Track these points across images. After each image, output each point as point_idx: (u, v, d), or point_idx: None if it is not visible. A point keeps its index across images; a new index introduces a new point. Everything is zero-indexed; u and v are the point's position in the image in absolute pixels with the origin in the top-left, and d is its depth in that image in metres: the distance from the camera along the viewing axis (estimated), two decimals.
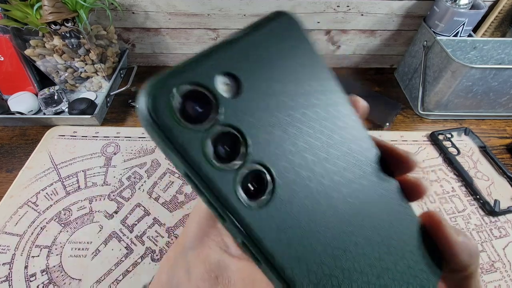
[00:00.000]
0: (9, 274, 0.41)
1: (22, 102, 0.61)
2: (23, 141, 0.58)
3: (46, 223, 0.46)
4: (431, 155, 0.57)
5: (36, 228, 0.46)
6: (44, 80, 0.66)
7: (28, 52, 0.59)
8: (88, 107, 0.61)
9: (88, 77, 0.66)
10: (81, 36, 0.58)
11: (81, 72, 0.65)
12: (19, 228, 0.45)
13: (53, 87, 0.62)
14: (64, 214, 0.47)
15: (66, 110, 0.62)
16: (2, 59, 0.61)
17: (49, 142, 0.57)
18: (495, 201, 0.49)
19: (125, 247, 0.44)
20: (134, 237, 0.45)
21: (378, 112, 0.64)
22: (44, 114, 0.61)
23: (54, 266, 0.42)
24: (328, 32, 0.73)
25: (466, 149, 0.58)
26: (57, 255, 0.43)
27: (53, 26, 0.56)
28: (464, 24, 0.62)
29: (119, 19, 0.68)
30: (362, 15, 0.69)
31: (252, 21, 0.12)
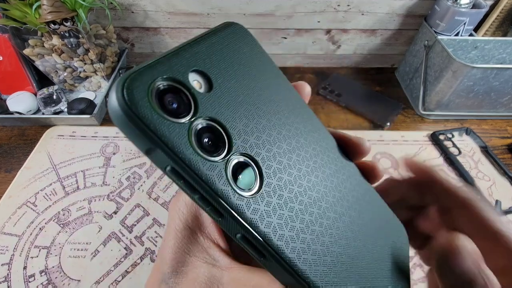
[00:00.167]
0: (8, 275, 0.41)
1: (21, 102, 0.61)
2: (22, 141, 0.58)
3: (45, 224, 0.46)
4: (432, 155, 0.57)
5: (35, 229, 0.45)
6: (43, 80, 0.66)
7: (27, 52, 0.59)
8: (87, 107, 0.61)
9: (87, 77, 0.66)
10: (80, 36, 0.58)
11: (80, 72, 0.64)
12: (18, 229, 0.45)
13: (52, 87, 0.62)
14: (63, 215, 0.47)
15: (65, 110, 0.62)
16: (1, 59, 0.60)
17: (48, 142, 0.57)
18: (496, 202, 0.49)
19: (125, 248, 0.44)
20: (134, 238, 0.45)
21: (379, 112, 0.64)
22: (43, 114, 0.61)
23: (53, 267, 0.42)
24: (329, 32, 0.72)
25: (467, 149, 0.58)
26: (56, 256, 0.43)
27: (52, 26, 0.56)
28: (465, 24, 0.62)
29: (118, 19, 0.68)
30: (363, 15, 0.69)
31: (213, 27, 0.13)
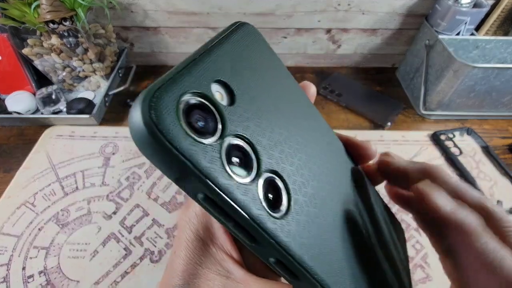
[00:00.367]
0: (7, 276, 0.41)
1: (20, 102, 0.61)
2: (21, 141, 0.58)
3: (44, 224, 0.46)
4: (433, 155, 0.57)
5: (34, 229, 0.45)
6: (42, 80, 0.65)
7: (26, 51, 0.58)
8: (86, 107, 0.60)
9: (86, 77, 0.66)
10: (79, 35, 0.58)
11: (79, 72, 0.64)
12: (17, 229, 0.45)
13: (51, 87, 0.62)
14: (62, 215, 0.47)
15: (64, 110, 0.62)
16: (0, 58, 0.60)
17: (47, 142, 0.57)
18: (498, 202, 0.49)
19: (124, 248, 0.44)
20: (133, 238, 0.45)
21: (379, 112, 0.63)
22: (42, 114, 0.61)
23: (52, 267, 0.42)
24: (329, 31, 0.72)
25: (468, 149, 0.58)
26: (55, 256, 0.43)
27: (51, 25, 0.55)
28: (466, 23, 0.61)
29: (118, 18, 0.68)
30: (363, 14, 0.68)
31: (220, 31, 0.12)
